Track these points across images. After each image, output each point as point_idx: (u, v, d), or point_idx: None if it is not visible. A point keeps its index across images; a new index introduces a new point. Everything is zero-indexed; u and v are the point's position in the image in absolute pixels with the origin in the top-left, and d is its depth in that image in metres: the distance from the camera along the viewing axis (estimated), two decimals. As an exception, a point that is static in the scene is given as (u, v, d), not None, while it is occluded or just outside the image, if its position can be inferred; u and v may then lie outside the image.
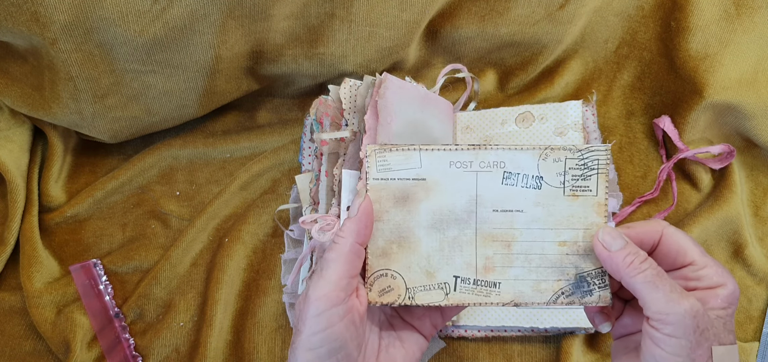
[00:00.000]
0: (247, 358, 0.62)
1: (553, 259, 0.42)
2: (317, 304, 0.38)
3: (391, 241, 0.43)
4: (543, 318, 0.57)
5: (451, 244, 0.42)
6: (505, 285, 0.42)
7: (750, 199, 0.66)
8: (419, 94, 0.61)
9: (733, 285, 0.37)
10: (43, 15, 0.52)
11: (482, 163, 0.42)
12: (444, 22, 0.66)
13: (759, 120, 0.62)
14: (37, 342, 0.63)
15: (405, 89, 0.60)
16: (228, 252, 0.64)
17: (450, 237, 0.42)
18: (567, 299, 0.42)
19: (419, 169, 0.43)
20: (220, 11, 0.56)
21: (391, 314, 0.46)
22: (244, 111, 0.72)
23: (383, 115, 0.56)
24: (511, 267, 0.42)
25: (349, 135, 0.58)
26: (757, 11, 0.60)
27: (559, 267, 0.42)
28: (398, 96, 0.58)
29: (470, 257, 0.42)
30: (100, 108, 0.62)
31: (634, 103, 0.69)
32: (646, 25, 0.67)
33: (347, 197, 0.55)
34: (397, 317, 0.46)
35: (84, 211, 0.67)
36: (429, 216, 0.42)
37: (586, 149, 0.41)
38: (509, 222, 0.42)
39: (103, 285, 0.64)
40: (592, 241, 0.41)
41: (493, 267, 0.42)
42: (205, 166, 0.70)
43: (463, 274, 0.42)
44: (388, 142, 0.56)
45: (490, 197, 0.42)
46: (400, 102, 0.58)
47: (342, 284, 0.39)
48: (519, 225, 0.42)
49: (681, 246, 0.38)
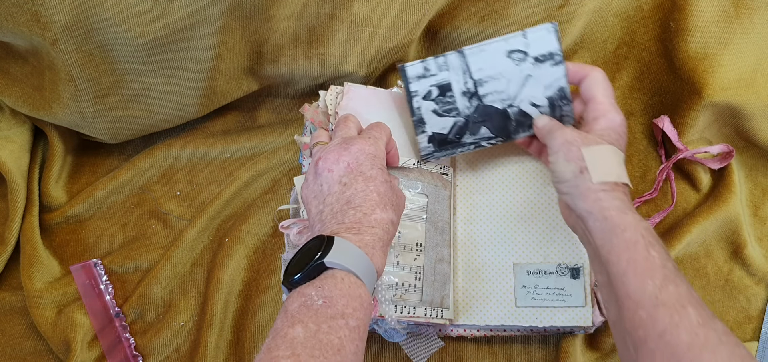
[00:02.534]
0: (248, 358, 0.62)
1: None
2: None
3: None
4: (542, 318, 0.57)
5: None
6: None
7: (749, 199, 0.66)
8: (392, 98, 0.62)
9: (615, 117, 0.51)
10: (44, 15, 0.52)
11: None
12: (444, 23, 0.66)
13: (758, 120, 0.62)
14: (38, 342, 0.63)
15: (373, 96, 0.62)
16: (228, 252, 0.64)
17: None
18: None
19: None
20: (220, 12, 0.56)
21: None
22: (244, 111, 0.72)
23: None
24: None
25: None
26: (756, 12, 0.60)
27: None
28: (365, 104, 0.60)
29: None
30: (101, 108, 0.62)
31: (634, 104, 0.69)
32: (645, 26, 0.67)
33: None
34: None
35: (84, 211, 0.67)
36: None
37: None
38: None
39: (104, 284, 0.64)
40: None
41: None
42: (205, 166, 0.70)
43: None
44: None
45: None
46: (369, 110, 0.60)
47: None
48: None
49: (591, 90, 0.53)
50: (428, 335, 0.61)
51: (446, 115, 0.57)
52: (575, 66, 0.55)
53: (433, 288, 0.57)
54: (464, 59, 0.55)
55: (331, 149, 0.48)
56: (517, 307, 0.58)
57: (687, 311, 0.38)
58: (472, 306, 0.59)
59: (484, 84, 0.55)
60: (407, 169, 0.59)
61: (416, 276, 0.56)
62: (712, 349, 0.37)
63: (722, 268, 0.64)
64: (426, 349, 0.61)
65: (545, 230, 0.60)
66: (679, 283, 0.40)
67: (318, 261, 0.41)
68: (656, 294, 0.40)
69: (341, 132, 0.51)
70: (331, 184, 0.47)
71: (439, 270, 0.57)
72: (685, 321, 0.38)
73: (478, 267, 0.60)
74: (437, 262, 0.57)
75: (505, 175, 0.62)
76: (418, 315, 0.56)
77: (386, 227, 0.45)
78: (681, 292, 0.40)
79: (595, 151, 0.48)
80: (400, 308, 0.55)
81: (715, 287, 0.63)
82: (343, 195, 0.46)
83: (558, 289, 0.58)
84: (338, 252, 0.41)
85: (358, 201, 0.45)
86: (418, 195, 0.59)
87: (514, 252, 0.60)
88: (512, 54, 0.54)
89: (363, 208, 0.45)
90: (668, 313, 0.39)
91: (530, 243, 0.60)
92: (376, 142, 0.50)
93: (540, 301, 0.58)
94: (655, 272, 0.41)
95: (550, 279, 0.58)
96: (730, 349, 0.37)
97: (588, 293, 0.57)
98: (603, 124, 0.51)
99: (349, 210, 0.45)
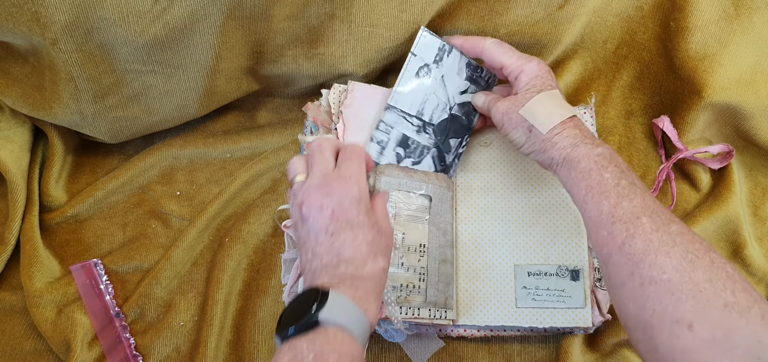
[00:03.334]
0: (248, 357, 0.62)
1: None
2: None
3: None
4: (542, 319, 0.58)
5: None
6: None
7: (749, 199, 0.66)
8: (386, 96, 0.62)
9: (529, 66, 0.55)
10: (44, 15, 0.52)
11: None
12: (444, 23, 0.66)
13: (758, 120, 0.62)
14: (38, 342, 0.63)
15: (376, 95, 0.62)
16: (228, 251, 0.64)
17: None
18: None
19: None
20: (220, 12, 0.56)
21: None
22: (244, 111, 0.72)
23: (353, 123, 0.58)
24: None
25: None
26: (755, 11, 0.60)
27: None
28: (369, 103, 0.60)
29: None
30: (101, 108, 0.62)
31: (634, 103, 0.69)
32: (645, 26, 0.67)
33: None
34: None
35: (85, 211, 0.67)
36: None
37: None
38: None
39: (104, 284, 0.64)
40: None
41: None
42: (205, 165, 0.70)
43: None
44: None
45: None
46: (372, 108, 0.60)
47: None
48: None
49: (494, 60, 0.57)
50: (428, 335, 0.61)
51: (422, 157, 0.61)
52: (466, 42, 0.59)
53: (437, 289, 0.57)
54: (396, 109, 0.60)
55: (312, 191, 0.46)
56: (517, 308, 0.58)
57: (641, 221, 0.42)
58: (472, 306, 0.59)
59: (424, 111, 0.61)
60: (411, 170, 0.59)
61: (420, 278, 0.57)
62: (667, 251, 0.40)
63: (722, 268, 0.64)
64: (426, 349, 0.61)
65: (546, 232, 0.60)
66: (632, 197, 0.43)
67: (313, 319, 0.39)
68: (612, 212, 0.43)
69: (319, 166, 0.47)
70: (318, 234, 0.45)
71: (443, 271, 0.58)
72: (639, 230, 0.41)
73: (478, 268, 0.60)
74: (441, 263, 0.58)
75: (506, 176, 0.63)
76: (423, 316, 0.56)
77: (378, 277, 0.44)
78: (635, 205, 0.43)
79: (530, 107, 0.52)
80: (404, 309, 0.55)
81: (715, 287, 0.63)
82: (331, 247, 0.44)
83: (558, 290, 0.58)
84: (333, 307, 0.40)
85: (348, 254, 0.43)
86: (422, 197, 0.59)
87: (516, 253, 0.60)
88: (420, 72, 0.60)
89: (354, 262, 0.43)
90: (624, 227, 0.42)
91: (531, 245, 0.60)
92: (358, 180, 0.46)
93: (540, 302, 0.58)
94: (610, 192, 0.44)
95: (550, 281, 0.58)
96: (683, 247, 0.39)
97: (588, 294, 0.58)
98: (523, 79, 0.55)
99: (341, 263, 0.43)
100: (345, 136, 0.59)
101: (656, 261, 0.39)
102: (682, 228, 0.41)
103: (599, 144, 0.48)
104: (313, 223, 0.45)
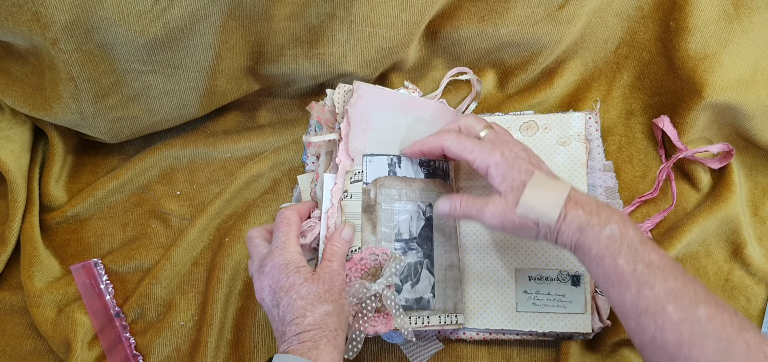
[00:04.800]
0: (248, 357, 0.62)
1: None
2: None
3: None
4: (543, 323, 0.58)
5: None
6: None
7: (749, 199, 0.66)
8: (399, 100, 0.62)
9: (494, 159, 0.50)
10: (44, 15, 0.52)
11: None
12: (444, 23, 0.66)
13: (758, 120, 0.62)
14: (38, 342, 0.63)
15: (381, 96, 0.61)
16: (228, 251, 0.64)
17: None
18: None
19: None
20: (220, 12, 0.56)
21: None
22: (244, 111, 0.72)
23: (357, 122, 0.58)
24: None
25: (336, 138, 0.59)
26: (755, 11, 0.60)
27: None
28: (374, 103, 0.60)
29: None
30: (101, 108, 0.62)
31: (634, 103, 0.69)
32: (645, 26, 0.67)
33: (327, 199, 0.57)
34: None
35: (85, 211, 0.67)
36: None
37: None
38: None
39: (104, 284, 0.64)
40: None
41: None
42: (205, 165, 0.70)
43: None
44: (362, 148, 0.58)
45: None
46: (377, 109, 0.60)
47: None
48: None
49: (459, 156, 0.53)
50: (427, 336, 0.61)
51: (418, 274, 0.56)
52: (424, 147, 0.55)
53: (446, 295, 0.57)
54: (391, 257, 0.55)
55: (255, 279, 0.52)
56: (517, 312, 0.58)
57: (667, 311, 0.40)
58: (473, 310, 0.59)
59: (401, 232, 0.56)
60: (411, 180, 0.59)
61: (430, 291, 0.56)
62: (700, 344, 0.39)
63: (722, 268, 0.64)
64: (425, 351, 0.61)
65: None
66: (653, 284, 0.42)
67: None
68: (636, 304, 0.42)
69: (253, 252, 0.54)
70: (269, 310, 0.51)
71: (450, 276, 0.57)
72: (667, 322, 0.40)
73: (480, 272, 0.60)
74: (448, 269, 0.57)
75: None
76: (433, 323, 0.55)
77: (322, 322, 0.48)
78: (657, 293, 0.41)
79: (525, 203, 0.47)
80: (414, 319, 0.55)
81: (715, 287, 0.63)
82: (279, 317, 0.49)
83: (559, 296, 0.58)
84: None
85: (289, 317, 0.48)
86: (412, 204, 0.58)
87: (517, 257, 0.60)
88: (391, 167, 0.58)
89: (295, 320, 0.48)
90: (652, 319, 0.41)
91: (533, 249, 0.60)
92: (284, 247, 0.51)
93: (541, 306, 0.58)
94: (629, 282, 0.42)
95: (551, 286, 0.58)
96: (715, 335, 0.39)
97: (588, 300, 0.58)
98: (495, 175, 0.50)
99: (288, 326, 0.48)
100: (348, 134, 0.58)
101: (691, 356, 0.39)
102: (710, 310, 0.40)
103: (606, 219, 0.45)
104: (266, 305, 0.51)
